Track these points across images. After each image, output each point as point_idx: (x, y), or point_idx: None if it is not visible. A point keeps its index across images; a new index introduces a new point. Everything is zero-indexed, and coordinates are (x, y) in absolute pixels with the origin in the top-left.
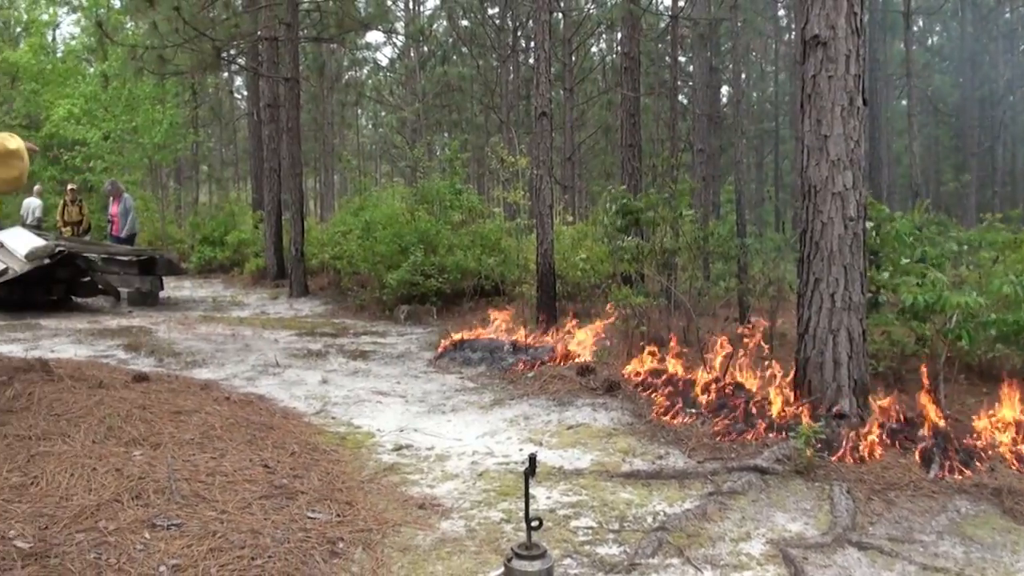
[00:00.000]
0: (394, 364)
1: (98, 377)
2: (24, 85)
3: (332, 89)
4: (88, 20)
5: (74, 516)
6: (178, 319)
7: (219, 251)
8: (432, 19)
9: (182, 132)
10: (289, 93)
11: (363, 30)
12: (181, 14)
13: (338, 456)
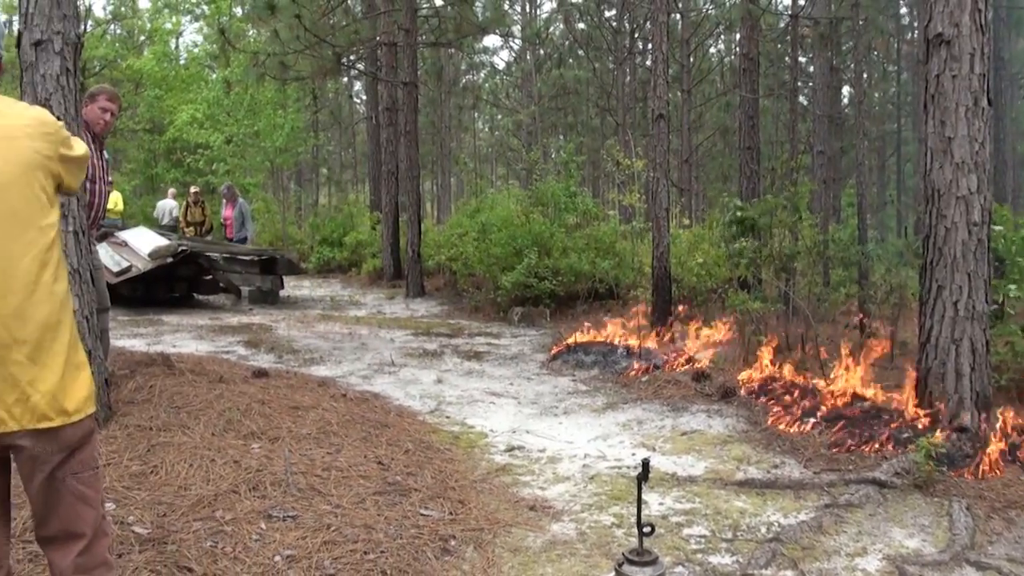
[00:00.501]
0: (507, 365)
1: (218, 372)
2: (148, 91)
3: (449, 93)
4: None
5: (192, 505)
6: (297, 317)
7: (337, 252)
8: (549, 22)
9: (303, 136)
10: (407, 97)
11: (480, 34)
12: (302, 21)
13: (451, 455)
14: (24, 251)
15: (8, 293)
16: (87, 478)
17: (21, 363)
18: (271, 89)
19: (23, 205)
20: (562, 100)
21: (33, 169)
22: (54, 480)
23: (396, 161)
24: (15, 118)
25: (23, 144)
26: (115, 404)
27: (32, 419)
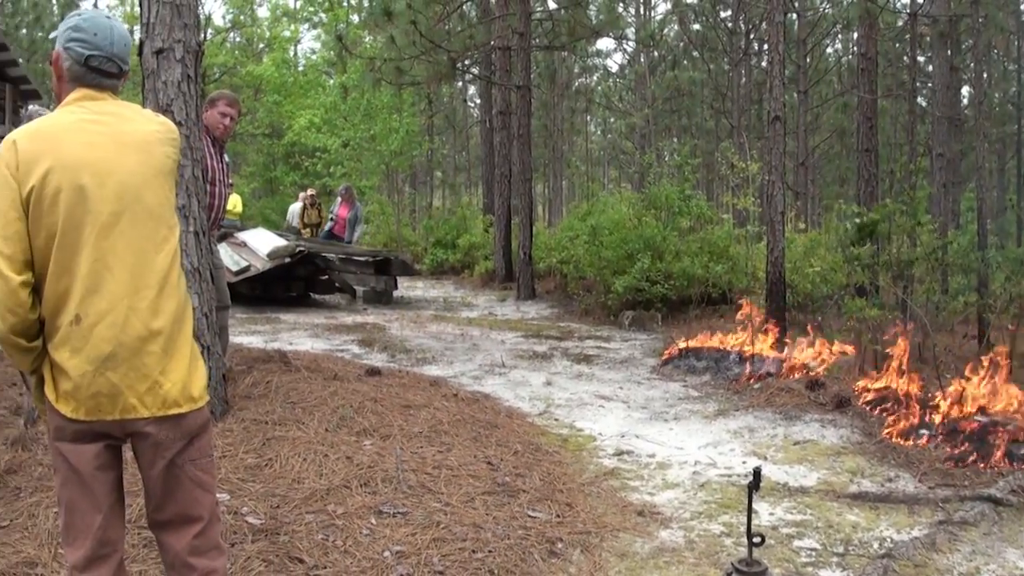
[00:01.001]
0: (617, 369)
1: (333, 370)
2: (267, 97)
3: (563, 96)
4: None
5: (304, 498)
6: (410, 317)
7: (450, 253)
8: (663, 23)
9: (417, 139)
10: (521, 100)
11: (594, 37)
12: (418, 27)
13: (560, 457)
14: (157, 249)
15: (144, 288)
16: (204, 464)
17: (155, 354)
18: (387, 94)
19: (156, 206)
20: (676, 102)
21: (164, 173)
22: (174, 467)
23: (509, 164)
24: (147, 123)
25: (156, 149)
26: (232, 399)
27: (162, 407)
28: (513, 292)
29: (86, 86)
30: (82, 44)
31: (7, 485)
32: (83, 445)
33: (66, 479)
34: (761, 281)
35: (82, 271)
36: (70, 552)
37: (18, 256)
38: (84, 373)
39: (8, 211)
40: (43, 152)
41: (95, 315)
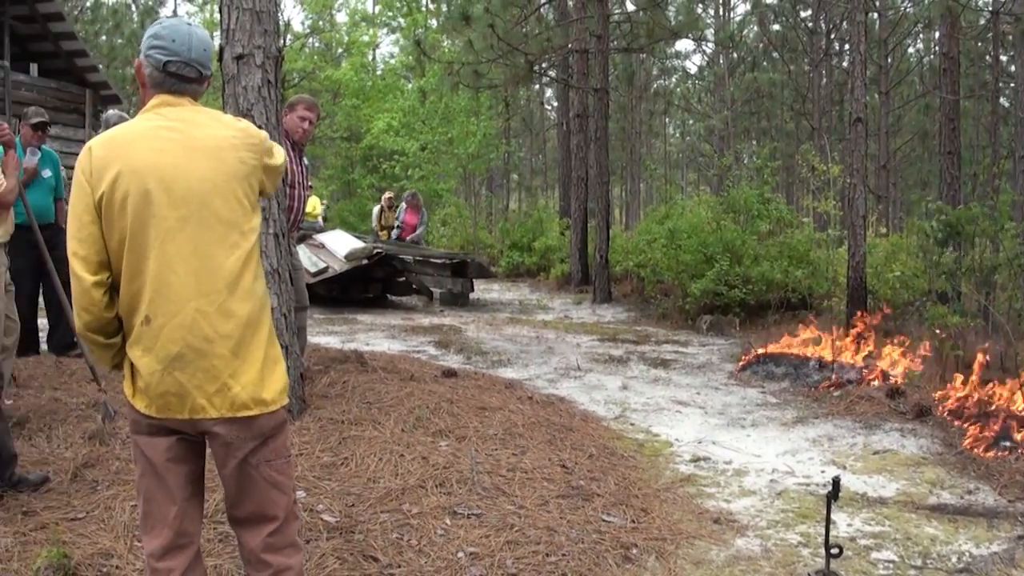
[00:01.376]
0: (695, 374)
1: (409, 370)
2: (345, 101)
3: (640, 98)
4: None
5: (380, 497)
6: (486, 320)
7: (526, 256)
8: (743, 24)
9: (495, 142)
10: (598, 103)
11: (673, 38)
12: (495, 31)
13: (635, 462)
14: (227, 253)
15: (212, 291)
16: (280, 465)
17: (224, 356)
18: (464, 97)
19: (227, 211)
20: (755, 104)
21: (238, 178)
22: (247, 466)
23: (586, 167)
24: (222, 129)
25: (229, 155)
26: (309, 398)
27: (231, 408)
28: (589, 295)
29: (166, 92)
30: (161, 51)
31: (84, 478)
32: (157, 438)
33: (144, 470)
34: (842, 286)
35: (151, 273)
36: (147, 540)
37: (92, 257)
38: (154, 372)
39: (82, 215)
40: (114, 158)
41: (163, 316)
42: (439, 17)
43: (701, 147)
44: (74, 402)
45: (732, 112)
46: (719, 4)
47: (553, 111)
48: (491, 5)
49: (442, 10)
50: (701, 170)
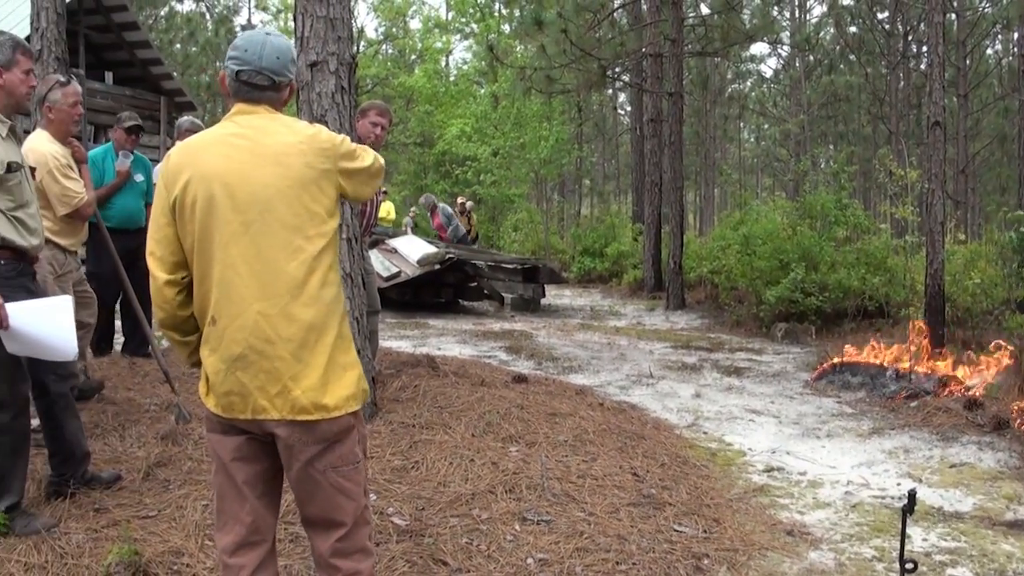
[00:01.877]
0: (769, 383)
1: (480, 375)
2: (419, 107)
3: (715, 102)
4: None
5: (449, 502)
6: (557, 325)
7: (598, 262)
8: (819, 27)
9: (567, 147)
10: (672, 107)
11: (748, 42)
12: (569, 36)
13: (707, 472)
14: (290, 257)
15: (274, 295)
16: (347, 472)
17: (285, 359)
18: (537, 102)
19: (291, 216)
20: (832, 108)
21: (304, 183)
22: (312, 470)
23: (660, 172)
24: (290, 135)
25: (294, 160)
26: (381, 401)
27: (291, 411)
28: (662, 302)
29: (242, 100)
30: (235, 60)
31: (156, 477)
32: (227, 437)
33: (217, 468)
34: (919, 294)
35: (216, 276)
36: (219, 536)
37: (167, 258)
38: (218, 371)
39: (159, 217)
40: (186, 164)
41: (227, 317)
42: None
43: (776, 152)
44: (147, 403)
45: (808, 116)
46: (795, 6)
47: (626, 115)
48: (564, 10)
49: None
50: (777, 175)
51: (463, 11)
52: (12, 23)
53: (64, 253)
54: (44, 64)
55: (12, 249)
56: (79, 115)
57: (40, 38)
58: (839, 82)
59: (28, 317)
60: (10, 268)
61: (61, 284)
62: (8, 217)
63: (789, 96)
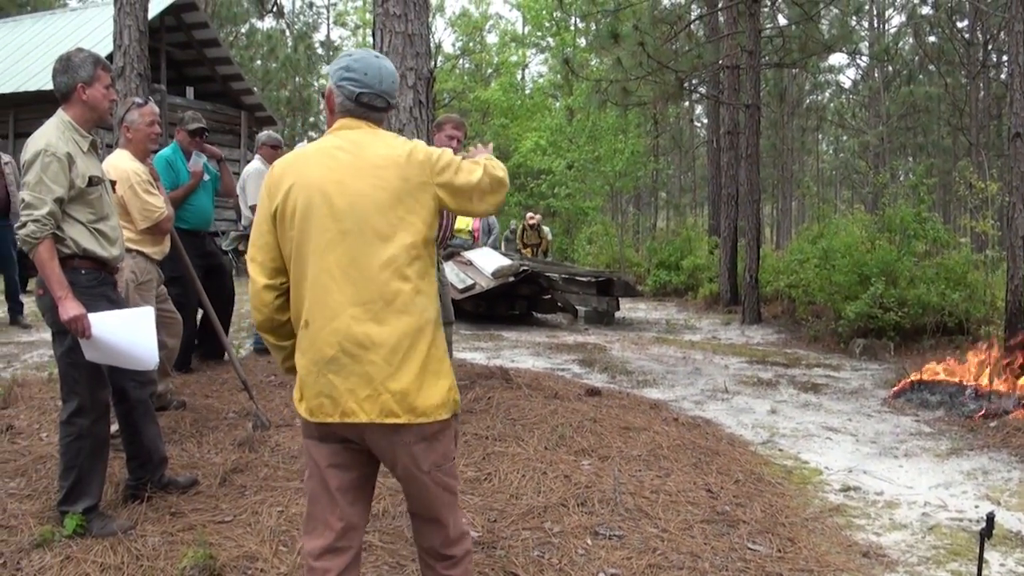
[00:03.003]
0: (846, 400)
1: (553, 388)
2: (494, 120)
3: (792, 114)
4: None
5: (522, 514)
6: (631, 339)
7: (674, 275)
8: (898, 37)
9: (642, 160)
10: (749, 120)
11: (826, 52)
12: (645, 48)
13: (782, 489)
14: (384, 266)
15: (368, 301)
16: (448, 468)
17: (376, 363)
18: (613, 115)
19: (385, 226)
20: (911, 119)
21: (400, 195)
22: (418, 471)
23: (736, 185)
24: (388, 149)
25: (391, 173)
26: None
27: (379, 414)
28: (738, 316)
29: (349, 117)
30: (354, 83)
31: (233, 483)
32: (323, 444)
33: (311, 473)
34: (1000, 311)
35: (311, 281)
36: (307, 540)
37: (267, 263)
38: (309, 373)
39: (261, 224)
40: (289, 173)
41: (320, 320)
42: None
43: (855, 164)
44: (225, 410)
45: (887, 127)
46: (873, 16)
47: (703, 128)
48: (640, 23)
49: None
50: (855, 188)
51: (539, 25)
52: (95, 40)
53: (147, 260)
54: (126, 80)
55: (93, 260)
56: (156, 134)
57: (123, 55)
58: (918, 93)
59: (110, 327)
60: (91, 278)
61: (141, 292)
62: (90, 229)
63: (868, 107)
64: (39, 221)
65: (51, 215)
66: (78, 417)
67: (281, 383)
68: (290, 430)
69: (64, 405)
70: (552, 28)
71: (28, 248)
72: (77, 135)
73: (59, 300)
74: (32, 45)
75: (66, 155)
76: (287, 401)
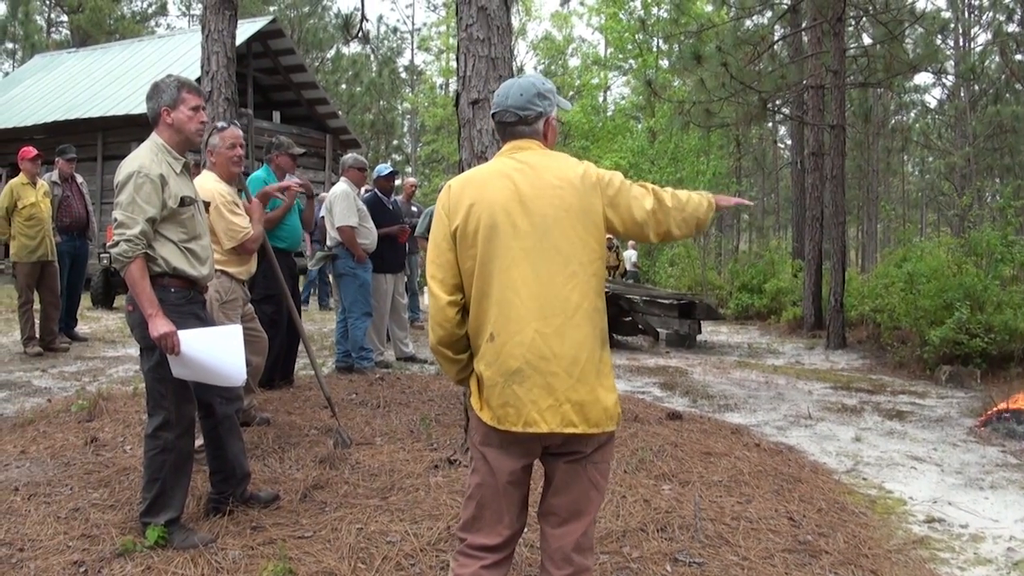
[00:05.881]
0: (931, 428)
1: (633, 411)
2: (575, 142)
3: (878, 135)
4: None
5: (600, 538)
6: (713, 362)
7: (756, 298)
8: (984, 55)
9: (725, 182)
10: (834, 140)
11: (911, 72)
12: (728, 69)
13: (866, 520)
14: (565, 282)
15: (551, 315)
16: (603, 469)
17: (558, 375)
18: (695, 137)
19: (566, 244)
20: (998, 139)
21: (578, 214)
22: (575, 464)
23: (821, 207)
24: (564, 170)
25: (568, 194)
26: None
27: (559, 424)
28: (822, 340)
29: (509, 138)
30: (494, 105)
31: (313, 499)
32: (507, 457)
33: (483, 480)
34: None
35: (496, 296)
36: (472, 536)
37: (448, 280)
38: (495, 384)
39: (441, 243)
40: (468, 194)
41: (506, 335)
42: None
43: (941, 186)
44: (307, 426)
45: (974, 148)
46: (958, 34)
47: (786, 149)
48: (723, 43)
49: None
50: (941, 210)
51: (621, 47)
52: (183, 66)
53: (231, 280)
54: (214, 105)
55: (183, 278)
56: (239, 156)
57: (210, 80)
58: (1005, 112)
59: (200, 344)
60: (180, 297)
61: (226, 311)
62: (180, 248)
63: (954, 127)
64: (131, 240)
65: (143, 234)
66: (163, 431)
67: (362, 402)
68: (370, 448)
69: (150, 419)
70: (634, 50)
71: (120, 266)
72: (170, 157)
73: (149, 317)
74: (121, 71)
75: (159, 176)
76: (368, 419)
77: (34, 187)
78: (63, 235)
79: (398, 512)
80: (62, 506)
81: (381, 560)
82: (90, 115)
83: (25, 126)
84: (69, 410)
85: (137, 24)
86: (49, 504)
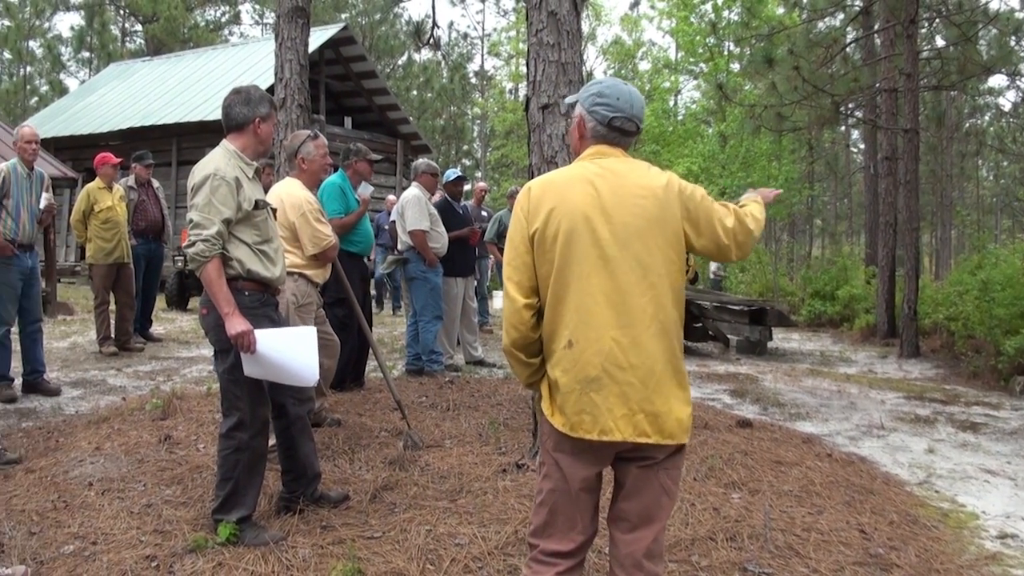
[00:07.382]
0: (1006, 441)
1: (703, 418)
2: (645, 147)
3: (951, 139)
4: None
5: (668, 546)
6: (784, 370)
7: (829, 305)
8: None
9: (797, 187)
10: (908, 144)
11: (986, 74)
12: (800, 72)
13: (938, 533)
14: (643, 292)
15: (628, 325)
16: (675, 475)
17: (634, 384)
18: (766, 141)
19: (646, 254)
20: None
21: (658, 225)
22: (647, 469)
23: (894, 212)
24: (647, 179)
25: (650, 203)
26: None
27: (633, 433)
28: (895, 349)
29: (602, 143)
30: (607, 108)
31: (383, 500)
32: (580, 464)
33: (556, 486)
34: None
35: (574, 303)
36: (544, 541)
37: (524, 283)
38: (572, 391)
39: (519, 245)
40: (549, 198)
41: (584, 342)
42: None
43: (1016, 191)
44: (377, 428)
45: None
46: None
47: (859, 153)
48: (795, 46)
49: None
50: (1016, 216)
51: (692, 51)
52: (255, 74)
53: (308, 283)
54: (287, 111)
55: (257, 281)
56: (329, 163)
57: (284, 87)
58: None
59: (274, 343)
60: (254, 299)
61: (301, 314)
62: (254, 250)
63: None
64: (208, 240)
65: (219, 235)
66: (238, 431)
67: (432, 404)
68: (440, 451)
69: (224, 419)
70: (705, 54)
71: (196, 266)
72: (242, 162)
73: (226, 316)
74: (195, 79)
75: (234, 179)
76: (437, 422)
77: (110, 191)
78: (139, 238)
79: (466, 515)
80: (135, 502)
81: (449, 562)
82: (165, 121)
83: (101, 132)
84: (143, 408)
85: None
86: (122, 499)
